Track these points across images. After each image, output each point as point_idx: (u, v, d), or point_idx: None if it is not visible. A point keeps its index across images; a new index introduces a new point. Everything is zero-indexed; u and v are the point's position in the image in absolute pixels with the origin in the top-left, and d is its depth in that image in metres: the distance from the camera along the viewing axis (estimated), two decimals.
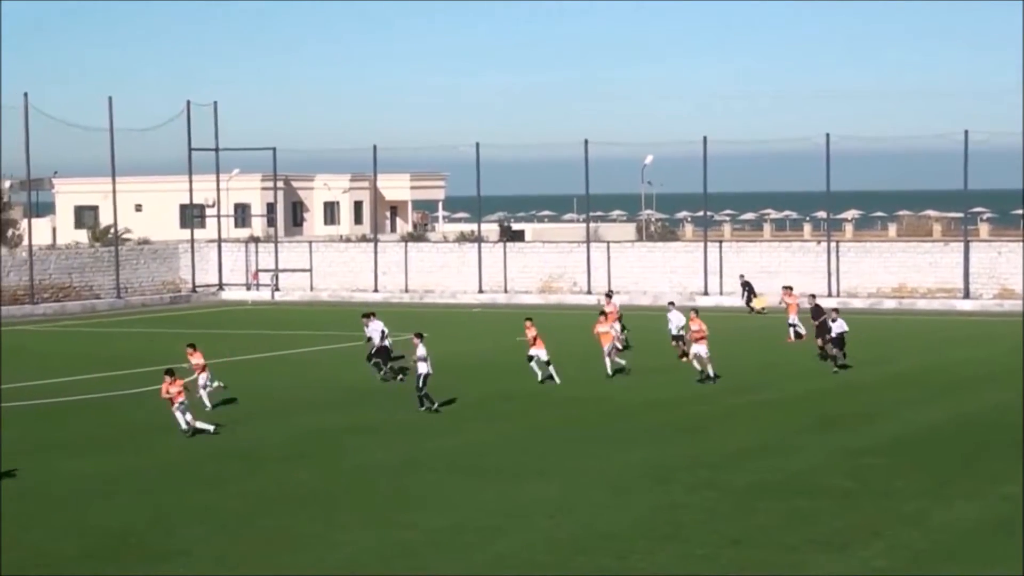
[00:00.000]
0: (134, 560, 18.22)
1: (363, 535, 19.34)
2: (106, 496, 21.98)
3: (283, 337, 46.82)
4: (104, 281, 62.64)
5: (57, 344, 47.03)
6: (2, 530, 19.78)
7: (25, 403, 32.05)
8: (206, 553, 18.50)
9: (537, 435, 27.08)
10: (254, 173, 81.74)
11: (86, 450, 26.08)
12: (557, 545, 18.66)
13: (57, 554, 18.58)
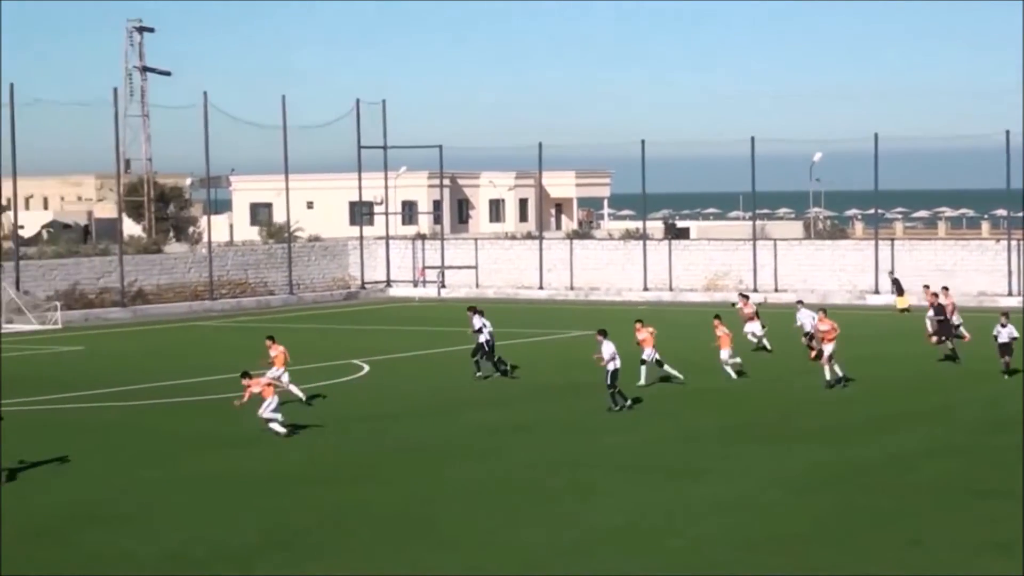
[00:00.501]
0: (304, 554, 18.43)
1: (535, 533, 19.29)
2: (280, 491, 22.31)
3: (448, 334, 47.12)
4: (278, 277, 63.94)
5: (235, 339, 48.10)
6: (186, 521, 20.24)
7: (203, 398, 32.80)
8: (375, 551, 18.64)
9: (704, 434, 26.76)
10: (421, 171, 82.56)
11: (260, 444, 26.55)
12: (731, 545, 18.37)
13: (237, 544, 18.91)
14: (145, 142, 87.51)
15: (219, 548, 18.62)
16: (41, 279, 55.47)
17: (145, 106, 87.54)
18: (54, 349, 44.60)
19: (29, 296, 53.77)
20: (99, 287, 57.19)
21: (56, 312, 52.50)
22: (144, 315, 56.49)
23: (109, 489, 22.53)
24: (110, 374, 37.13)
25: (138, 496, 21.91)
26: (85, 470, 24.07)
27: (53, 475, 23.66)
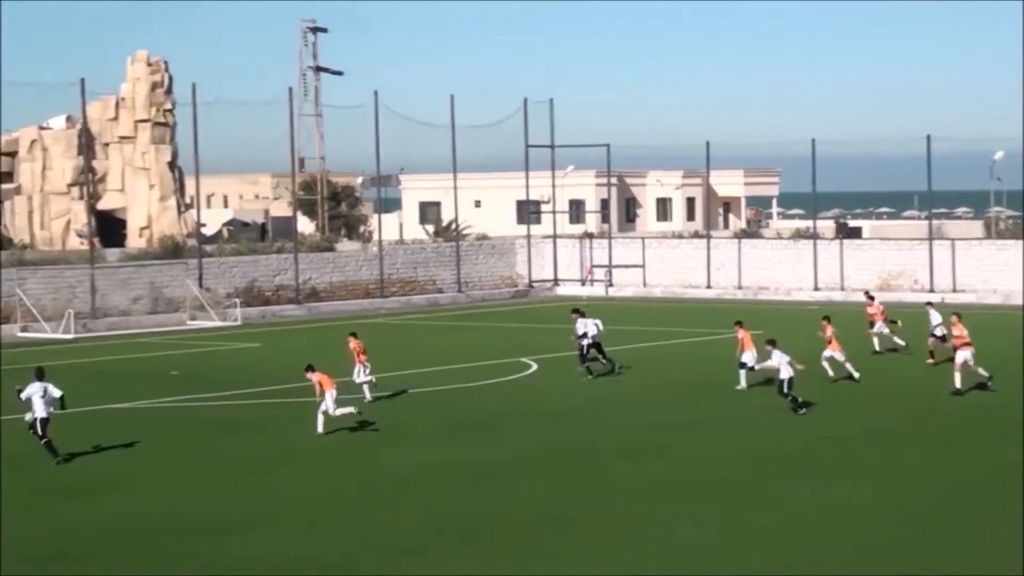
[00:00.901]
0: (471, 552, 18.75)
1: (693, 532, 19.41)
2: (447, 488, 22.71)
3: (616, 332, 47.20)
4: (446, 275, 64.81)
5: (405, 336, 48.97)
6: (355, 518, 20.74)
7: (375, 396, 33.51)
8: (542, 547, 18.89)
9: (864, 435, 26.45)
10: (588, 170, 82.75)
11: (428, 442, 27.05)
12: (880, 548, 18.22)
13: (408, 536, 19.35)
14: (318, 141, 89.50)
15: (388, 547, 18.97)
16: (221, 276, 57.18)
17: (318, 105, 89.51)
18: (233, 346, 45.98)
19: (210, 293, 55.49)
20: (275, 284, 58.71)
21: (236, 309, 54.09)
22: (317, 312, 57.83)
23: (294, 484, 23.17)
24: (286, 371, 38.14)
25: (309, 490, 22.50)
26: (259, 463, 24.81)
27: (217, 469, 24.44)
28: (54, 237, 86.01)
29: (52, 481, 23.42)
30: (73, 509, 21.32)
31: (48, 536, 19.54)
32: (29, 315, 49.44)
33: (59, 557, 18.47)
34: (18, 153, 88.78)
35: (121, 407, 31.47)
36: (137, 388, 34.61)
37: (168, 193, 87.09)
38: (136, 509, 21.20)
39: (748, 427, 27.79)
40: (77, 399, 32.40)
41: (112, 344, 46.38)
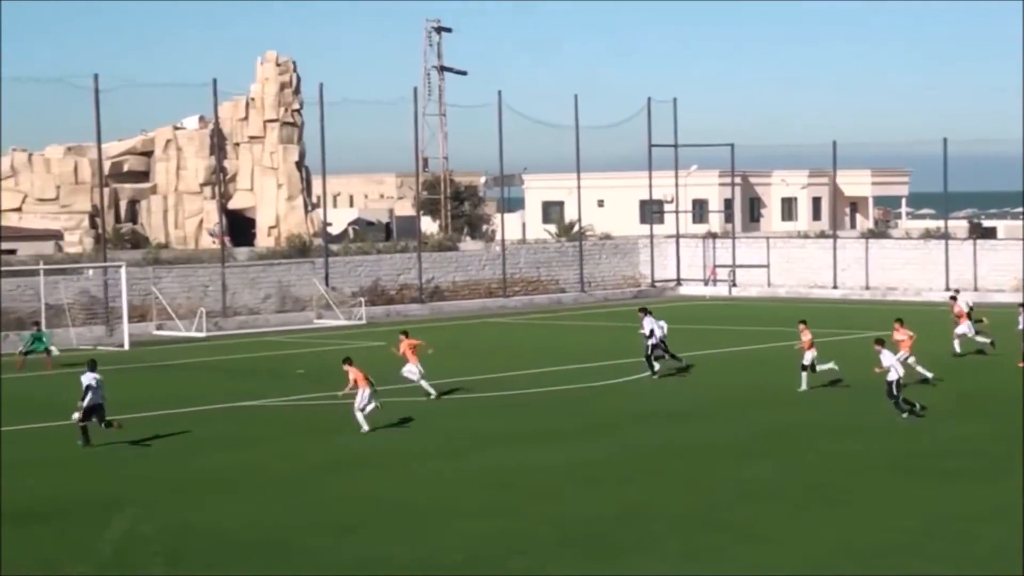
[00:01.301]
0: (600, 552, 18.79)
1: (826, 532, 19.22)
2: (571, 488, 22.77)
3: (739, 333, 46.93)
4: (569, 275, 64.87)
5: (528, 336, 49.15)
6: (476, 518, 20.89)
7: (499, 394, 33.69)
8: (669, 548, 18.87)
9: (999, 439, 25.93)
10: (712, 169, 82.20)
11: (552, 439, 27.13)
12: None
13: (533, 538, 19.44)
14: (442, 141, 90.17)
15: (514, 546, 19.08)
16: (347, 275, 57.91)
17: (442, 105, 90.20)
18: (358, 344, 46.52)
19: (336, 292, 56.25)
20: (399, 283, 59.31)
21: (361, 308, 54.75)
22: (440, 312, 58.26)
23: (407, 482, 23.41)
24: None
25: (429, 490, 22.70)
26: (375, 463, 25.10)
27: (335, 470, 24.77)
28: (187, 236, 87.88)
29: (187, 477, 23.94)
30: (208, 505, 21.77)
31: (177, 532, 19.98)
32: (164, 313, 50.58)
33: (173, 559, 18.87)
34: (154, 153, 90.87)
35: (249, 405, 32.05)
36: (264, 386, 35.21)
37: (295, 193, 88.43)
38: (261, 507, 21.58)
39: (875, 431, 27.40)
40: (207, 396, 33.10)
41: (241, 342, 47.24)
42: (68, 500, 21.82)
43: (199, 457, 25.68)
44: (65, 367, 40.61)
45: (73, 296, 49.29)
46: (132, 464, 24.97)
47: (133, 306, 48.92)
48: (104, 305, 49.94)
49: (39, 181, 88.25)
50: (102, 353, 44.59)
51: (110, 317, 49.47)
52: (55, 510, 21.05)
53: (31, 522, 20.32)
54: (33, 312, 47.85)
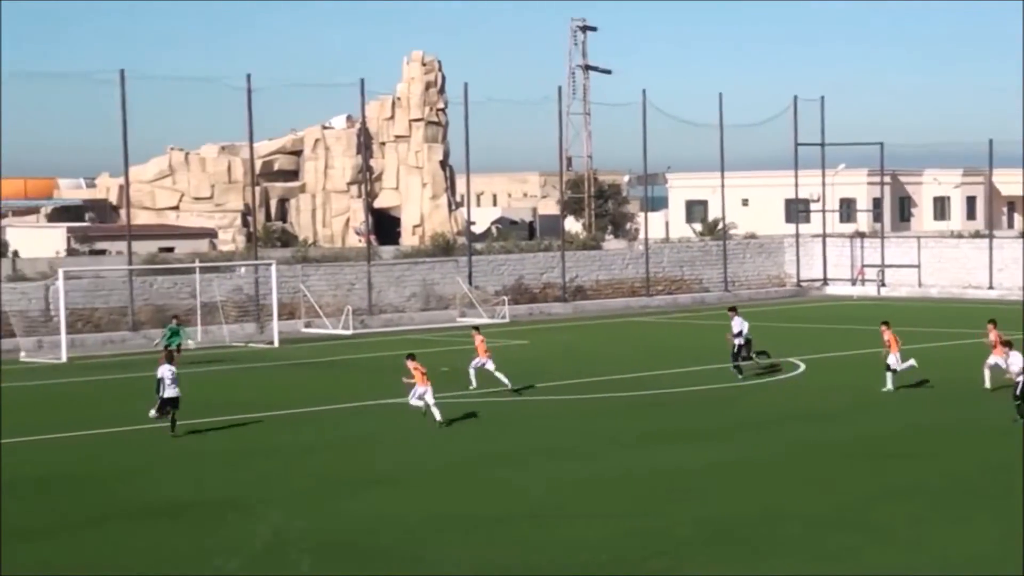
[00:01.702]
0: (738, 551, 18.69)
1: (963, 535, 18.87)
2: (720, 486, 22.68)
3: None
4: (712, 274, 64.43)
5: (671, 335, 48.96)
6: (619, 514, 20.91)
7: (635, 394, 33.65)
8: (805, 549, 18.68)
9: None
10: (860, 168, 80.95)
11: (699, 438, 27.01)
12: None
13: (672, 538, 19.41)
14: (586, 139, 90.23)
15: (654, 546, 19.04)
16: (490, 274, 58.29)
17: (587, 104, 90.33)
18: (501, 343, 46.81)
19: (479, 290, 56.64)
20: (542, 282, 59.50)
21: (504, 306, 55.07)
22: (583, 310, 58.33)
23: (547, 482, 23.52)
24: (553, 368, 38.68)
25: (569, 490, 22.77)
26: (516, 462, 25.24)
27: (478, 468, 24.95)
28: (334, 234, 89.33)
29: (334, 474, 24.38)
30: (355, 502, 22.14)
31: (341, 527, 20.34)
32: (312, 311, 51.48)
33: (321, 556, 19.22)
34: (303, 152, 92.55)
35: (394, 402, 32.49)
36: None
37: (440, 191, 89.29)
38: (407, 504, 21.86)
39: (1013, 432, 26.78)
40: (354, 394, 33.63)
41: (386, 340, 47.85)
42: (219, 496, 22.36)
43: (346, 454, 26.12)
44: (213, 363, 41.61)
45: (226, 293, 50.43)
46: (282, 460, 25.50)
47: (282, 303, 49.89)
48: (255, 302, 51.03)
49: (195, 180, 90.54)
50: (253, 350, 45.63)
51: (261, 314, 50.52)
52: (206, 505, 21.59)
53: (182, 517, 20.88)
54: (189, 309, 49.09)
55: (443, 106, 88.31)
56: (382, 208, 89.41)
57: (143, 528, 19.95)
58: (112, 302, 48.55)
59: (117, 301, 48.54)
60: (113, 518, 20.65)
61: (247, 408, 31.46)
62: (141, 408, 30.82)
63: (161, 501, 21.81)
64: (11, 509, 21.28)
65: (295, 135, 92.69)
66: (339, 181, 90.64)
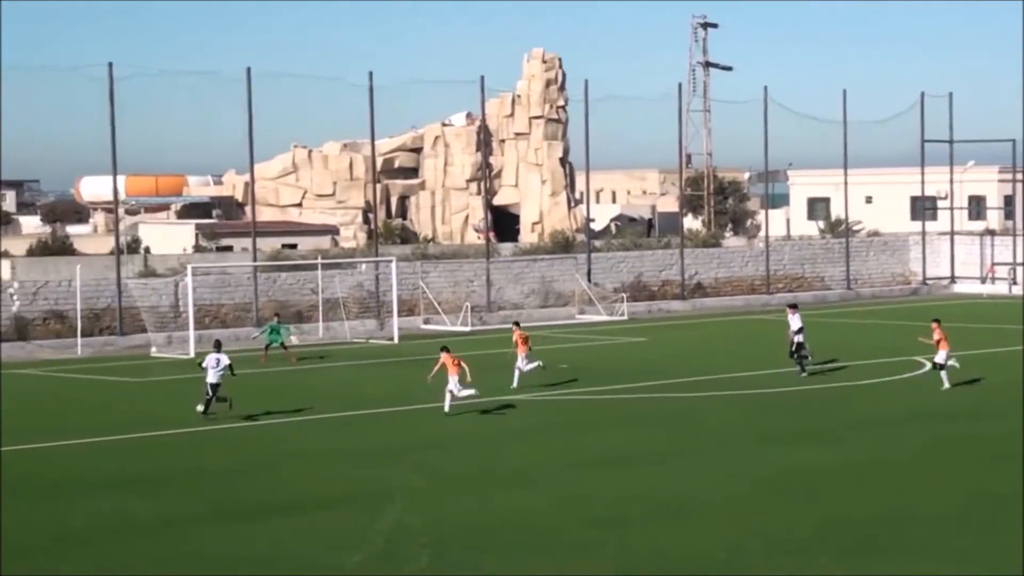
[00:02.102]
0: (860, 550, 18.36)
1: None
2: (844, 486, 22.32)
3: (1019, 332, 45.04)
4: (835, 272, 63.56)
5: None
6: (743, 515, 20.68)
7: (756, 392, 33.29)
8: (931, 549, 18.29)
9: None
10: (991, 165, 79.29)
11: (822, 438, 26.63)
12: None
13: (795, 539, 19.13)
14: (706, 137, 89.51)
15: (778, 545, 18.85)
16: (609, 271, 58.13)
17: (707, 101, 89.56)
18: (620, 340, 46.69)
19: (598, 287, 56.52)
20: (661, 279, 59.19)
21: (622, 303, 54.87)
22: (702, 308, 57.91)
23: (686, 479, 23.35)
24: (672, 366, 38.45)
25: (695, 488, 22.59)
26: (639, 460, 25.09)
27: (601, 466, 24.83)
28: (453, 231, 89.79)
29: (454, 470, 24.47)
30: (475, 497, 22.19)
31: (443, 524, 20.41)
32: (431, 307, 51.78)
33: (439, 550, 19.27)
34: (423, 149, 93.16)
35: (513, 399, 32.50)
36: (527, 380, 35.65)
37: (559, 189, 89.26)
38: (527, 501, 21.85)
39: None
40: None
41: (504, 337, 47.83)
42: (339, 493, 22.55)
43: (463, 451, 26.19)
44: (334, 359, 42.00)
45: (347, 290, 50.96)
46: (398, 456, 25.65)
47: (402, 300, 50.26)
48: (376, 299, 51.48)
49: (317, 177, 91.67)
50: (373, 346, 46.03)
51: (381, 311, 50.95)
52: (326, 502, 21.78)
53: (303, 513, 21.09)
54: (311, 306, 49.70)
55: (563, 103, 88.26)
56: (501, 205, 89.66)
57: (262, 526, 20.17)
58: (238, 298, 49.35)
59: (242, 297, 49.32)
60: (232, 516, 20.89)
61: (367, 404, 31.73)
62: (261, 404, 31.27)
63: (280, 499, 22.04)
64: (138, 506, 21.68)
65: (415, 132, 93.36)
66: (459, 178, 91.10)
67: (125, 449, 26.82)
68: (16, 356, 42.74)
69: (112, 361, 41.66)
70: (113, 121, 46.58)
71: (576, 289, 55.77)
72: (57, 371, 39.58)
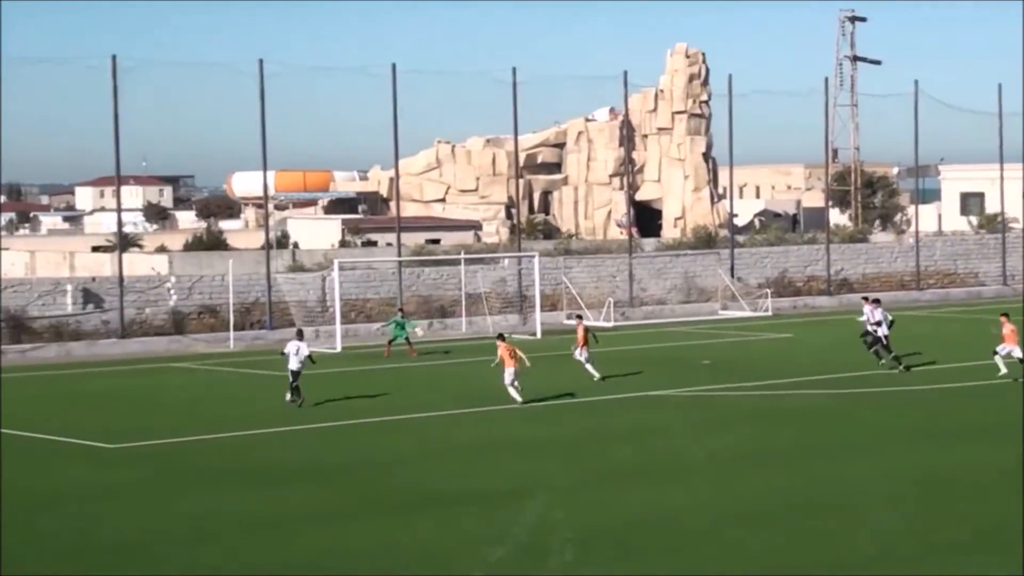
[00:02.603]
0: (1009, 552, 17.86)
1: None
2: (999, 486, 21.74)
3: None
4: (989, 268, 62.05)
5: (940, 330, 47.33)
6: (890, 515, 20.25)
7: (903, 389, 32.61)
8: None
9: None
10: None
11: (970, 437, 25.98)
12: None
13: (946, 538, 18.70)
14: (853, 131, 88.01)
15: (928, 545, 18.45)
16: (753, 266, 57.50)
17: (854, 95, 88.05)
18: (764, 336, 46.12)
19: (741, 283, 55.94)
20: (806, 275, 58.37)
21: (766, 299, 54.20)
22: (849, 303, 56.78)
23: (810, 479, 22.96)
24: (817, 362, 37.85)
25: (842, 488, 22.16)
26: (777, 457, 24.72)
27: (740, 462, 24.51)
28: (596, 227, 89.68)
29: (593, 466, 24.40)
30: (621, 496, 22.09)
31: (586, 518, 20.34)
32: (574, 303, 51.75)
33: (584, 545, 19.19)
34: (566, 144, 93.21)
35: (655, 395, 32.33)
36: (670, 376, 35.44)
37: (702, 184, 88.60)
38: (680, 498, 21.68)
39: None
40: (616, 386, 33.60)
41: (647, 332, 47.74)
42: (484, 487, 22.61)
43: (603, 446, 26.07)
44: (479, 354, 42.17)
45: (490, 285, 51.20)
46: (542, 451, 25.64)
47: (544, 295, 50.30)
48: (518, 294, 51.62)
49: (461, 173, 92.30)
50: (516, 341, 46.03)
51: (523, 306, 51.07)
52: (472, 495, 21.85)
53: (451, 506, 21.19)
54: (454, 301, 50.02)
55: (706, 98, 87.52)
56: (644, 200, 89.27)
57: (404, 521, 20.29)
58: (383, 292, 49.89)
59: (387, 292, 49.84)
60: (377, 510, 21.03)
61: (509, 398, 31.79)
62: (410, 398, 31.56)
63: (423, 493, 22.17)
64: (293, 496, 22.00)
65: (558, 128, 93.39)
66: (601, 173, 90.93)
67: (283, 440, 27.27)
68: (174, 350, 43.88)
69: (263, 355, 42.34)
70: (264, 117, 47.34)
71: (719, 285, 55.26)
72: (216, 364, 40.42)
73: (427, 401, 31.70)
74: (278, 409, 30.79)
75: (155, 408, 31.90)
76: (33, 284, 45.74)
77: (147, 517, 20.55)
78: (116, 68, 44.86)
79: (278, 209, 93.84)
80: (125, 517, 20.58)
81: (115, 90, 44.95)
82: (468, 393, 32.87)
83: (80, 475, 23.87)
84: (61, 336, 43.96)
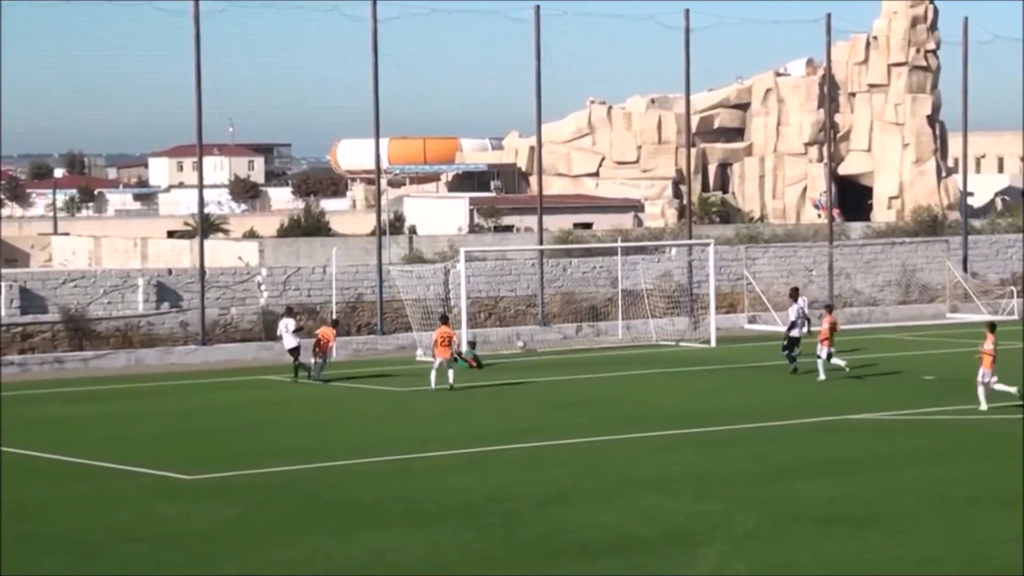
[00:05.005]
0: None
1: None
2: None
3: None
4: None
5: None
6: None
7: None
8: None
9: None
10: None
11: None
12: None
13: None
14: None
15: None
16: (993, 259, 56.87)
17: None
18: (1009, 345, 45.35)
19: (977, 279, 55.23)
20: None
21: (1012, 299, 53.35)
22: None
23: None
24: None
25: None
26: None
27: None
28: (787, 208, 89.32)
29: (784, 509, 24.38)
30: (816, 540, 22.09)
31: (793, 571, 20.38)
32: (758, 303, 51.55)
33: None
34: (750, 105, 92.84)
35: (855, 418, 32.13)
36: (881, 395, 35.12)
37: (926, 155, 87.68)
38: (897, 547, 21.62)
39: None
40: (809, 408, 33.45)
41: (853, 339, 47.27)
42: (655, 527, 22.73)
43: (788, 483, 25.98)
44: (636, 365, 42.21)
45: (653, 280, 51.20)
46: (724, 490, 25.67)
47: (721, 293, 50.26)
48: (688, 292, 51.58)
49: (618, 140, 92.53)
50: (685, 350, 46.06)
51: (695, 306, 51.02)
52: (640, 544, 21.92)
53: (610, 557, 21.34)
54: (608, 300, 50.12)
55: (934, 47, 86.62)
56: (849, 175, 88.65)
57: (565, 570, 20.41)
58: (519, 290, 50.10)
59: (525, 288, 50.05)
60: (539, 554, 21.07)
61: (671, 422, 31.79)
62: (545, 420, 31.77)
63: (588, 537, 22.25)
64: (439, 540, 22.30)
65: (741, 85, 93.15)
66: (795, 141, 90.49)
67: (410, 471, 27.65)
68: (263, 359, 44.27)
69: (376, 365, 42.69)
70: (376, 72, 47.70)
71: (947, 281, 54.65)
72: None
73: (577, 424, 31.89)
74: (398, 431, 31.22)
75: (253, 431, 32.29)
76: (97, 277, 46.64)
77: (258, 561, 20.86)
78: (198, 11, 45.67)
79: (392, 186, 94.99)
80: (232, 561, 20.79)
81: (197, 38, 45.71)
82: (623, 416, 33.00)
83: (173, 512, 24.20)
84: (130, 342, 44.81)
